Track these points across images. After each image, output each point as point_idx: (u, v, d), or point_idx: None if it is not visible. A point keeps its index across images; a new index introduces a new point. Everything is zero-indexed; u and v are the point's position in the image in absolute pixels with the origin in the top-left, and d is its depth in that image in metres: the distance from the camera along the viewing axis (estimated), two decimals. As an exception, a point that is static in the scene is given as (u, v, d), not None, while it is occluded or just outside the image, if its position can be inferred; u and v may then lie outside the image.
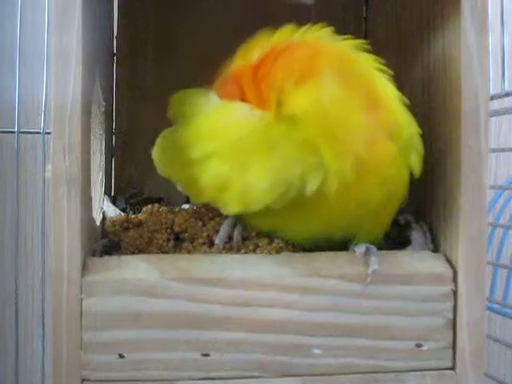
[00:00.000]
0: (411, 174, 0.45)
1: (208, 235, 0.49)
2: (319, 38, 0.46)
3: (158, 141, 0.52)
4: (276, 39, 0.47)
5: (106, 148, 0.58)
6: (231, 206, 0.44)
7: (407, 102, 0.45)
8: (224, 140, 0.44)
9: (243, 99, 0.46)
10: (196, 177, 0.45)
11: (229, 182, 0.43)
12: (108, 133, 0.62)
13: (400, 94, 0.45)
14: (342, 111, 0.43)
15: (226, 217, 0.49)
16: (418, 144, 0.45)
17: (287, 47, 0.45)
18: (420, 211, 0.51)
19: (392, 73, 0.46)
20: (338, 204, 0.43)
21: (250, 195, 0.42)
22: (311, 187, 0.41)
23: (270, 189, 0.42)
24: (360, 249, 0.44)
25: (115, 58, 0.68)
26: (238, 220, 0.48)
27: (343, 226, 0.45)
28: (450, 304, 0.44)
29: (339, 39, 0.46)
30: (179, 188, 0.50)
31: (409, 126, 0.45)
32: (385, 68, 0.46)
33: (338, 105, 0.43)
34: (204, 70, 0.53)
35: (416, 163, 0.45)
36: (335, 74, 0.43)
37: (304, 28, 0.47)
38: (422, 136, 0.46)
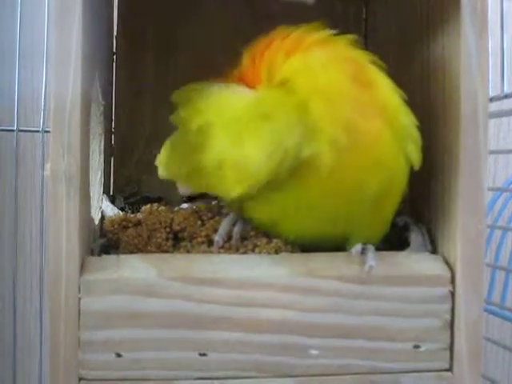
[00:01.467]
0: (412, 171, 0.46)
1: (207, 234, 0.49)
2: (312, 29, 0.47)
3: (164, 145, 0.53)
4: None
5: (105, 147, 0.58)
6: (232, 186, 0.44)
7: (404, 95, 0.45)
8: (220, 114, 0.45)
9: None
10: (198, 163, 0.46)
11: (227, 157, 0.43)
12: (107, 132, 0.62)
13: (395, 86, 0.45)
14: (331, 75, 0.43)
15: (226, 216, 0.49)
16: (415, 135, 0.45)
17: (280, 34, 0.47)
18: (418, 213, 0.51)
19: (385, 66, 0.46)
20: (334, 184, 0.43)
21: (247, 169, 0.42)
22: (308, 149, 0.41)
23: (267, 158, 0.41)
24: (356, 248, 0.44)
25: (115, 57, 0.68)
26: (238, 219, 0.48)
27: (341, 217, 0.45)
28: (447, 305, 0.44)
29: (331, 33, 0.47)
30: (181, 189, 0.50)
31: (404, 114, 0.45)
32: (379, 62, 0.46)
33: (327, 69, 0.44)
34: (204, 70, 0.53)
35: (414, 154, 0.45)
36: (323, 50, 0.45)
37: (297, 27, 0.47)
38: (421, 134, 0.46)
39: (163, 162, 0.52)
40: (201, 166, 0.45)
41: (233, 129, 0.44)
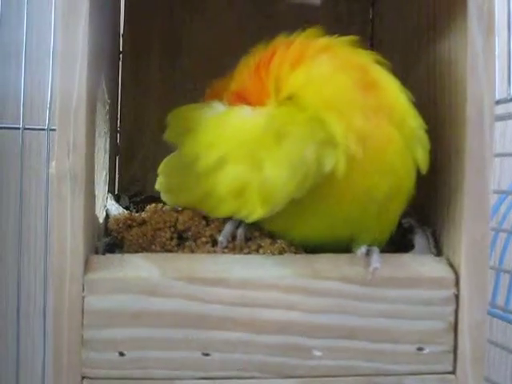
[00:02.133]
0: (418, 173, 0.45)
1: (211, 234, 0.49)
2: (312, 35, 0.47)
3: (160, 170, 0.52)
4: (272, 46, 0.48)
5: (110, 146, 0.58)
6: (254, 209, 0.44)
7: (411, 96, 0.45)
8: (233, 142, 0.45)
9: (248, 103, 0.47)
10: (211, 190, 0.46)
11: (247, 183, 0.43)
12: (112, 131, 0.62)
13: (402, 86, 0.45)
14: (338, 84, 0.43)
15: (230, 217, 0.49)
16: (423, 138, 0.45)
17: (282, 44, 0.47)
18: (423, 215, 0.51)
19: (391, 65, 0.46)
20: (346, 190, 0.43)
21: (271, 191, 0.42)
22: (329, 163, 0.41)
23: (289, 178, 0.41)
24: (361, 250, 0.44)
25: (121, 56, 0.68)
26: (242, 220, 0.48)
27: (349, 220, 0.45)
28: (451, 308, 0.44)
29: (333, 37, 0.47)
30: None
31: (412, 117, 0.45)
32: (384, 61, 0.46)
33: (333, 78, 0.43)
34: (209, 70, 0.53)
35: (422, 158, 0.45)
36: (327, 57, 0.44)
37: (297, 32, 0.47)
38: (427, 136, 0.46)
39: (162, 188, 0.52)
40: (211, 194, 0.46)
41: (248, 153, 0.43)
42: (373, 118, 0.43)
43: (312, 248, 0.46)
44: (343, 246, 0.46)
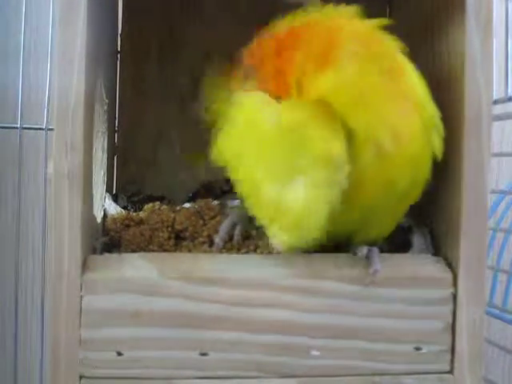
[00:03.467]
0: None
1: (209, 234, 0.49)
2: (340, 16, 0.44)
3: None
4: (297, 20, 0.45)
5: (108, 146, 0.58)
6: (279, 235, 0.40)
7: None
8: (246, 136, 0.42)
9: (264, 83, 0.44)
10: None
11: (266, 196, 0.39)
12: (110, 131, 0.62)
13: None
14: (367, 81, 0.40)
15: (227, 216, 0.49)
16: (440, 126, 0.44)
17: (306, 26, 0.44)
18: (421, 215, 0.51)
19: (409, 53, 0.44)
20: (368, 185, 0.41)
21: (302, 216, 0.38)
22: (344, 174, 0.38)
23: (322, 198, 0.38)
24: (362, 250, 0.44)
25: (119, 55, 0.68)
26: (239, 219, 0.48)
27: (360, 215, 0.43)
28: (449, 308, 0.44)
29: (362, 18, 0.44)
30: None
31: (431, 105, 0.44)
32: (405, 48, 0.44)
33: (362, 74, 0.40)
34: (207, 70, 0.53)
35: (438, 146, 0.44)
36: (356, 48, 0.41)
37: (327, 8, 0.45)
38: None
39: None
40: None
41: (262, 153, 0.40)
42: (400, 107, 0.41)
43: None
44: (340, 242, 0.46)
